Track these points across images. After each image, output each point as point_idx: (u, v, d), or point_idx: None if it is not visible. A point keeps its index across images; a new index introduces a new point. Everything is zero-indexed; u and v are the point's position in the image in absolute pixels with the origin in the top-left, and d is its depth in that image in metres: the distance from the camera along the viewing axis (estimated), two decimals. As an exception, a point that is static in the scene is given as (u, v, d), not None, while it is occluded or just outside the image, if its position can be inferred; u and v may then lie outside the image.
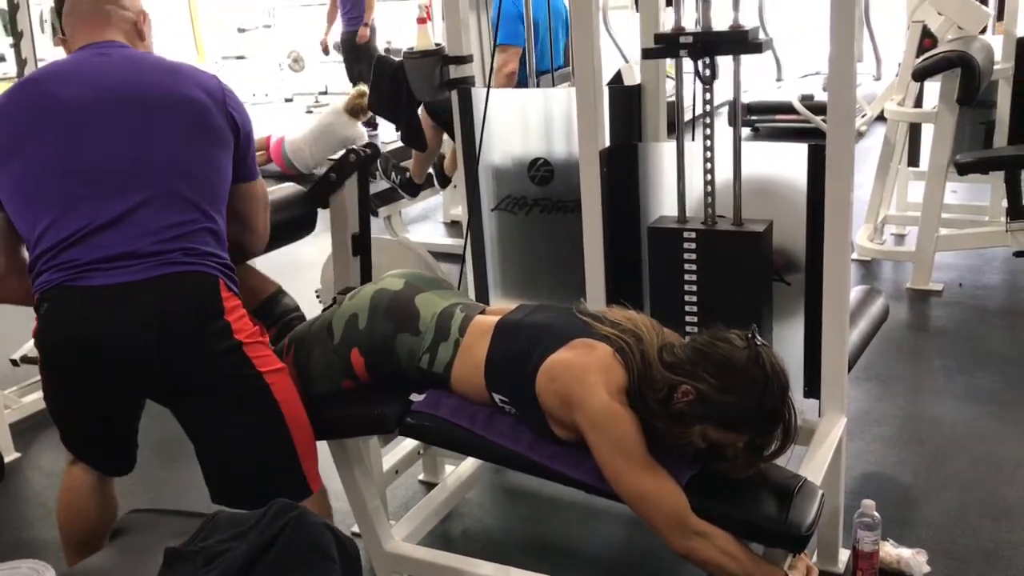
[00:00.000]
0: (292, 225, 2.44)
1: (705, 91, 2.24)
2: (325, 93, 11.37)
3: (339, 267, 2.49)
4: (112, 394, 1.89)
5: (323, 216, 2.49)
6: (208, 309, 1.83)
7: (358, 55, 8.50)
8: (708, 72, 2.22)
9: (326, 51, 9.37)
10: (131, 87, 1.89)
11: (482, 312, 2.08)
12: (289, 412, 1.91)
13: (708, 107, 2.26)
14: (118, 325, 1.77)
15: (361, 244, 2.48)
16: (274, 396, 1.88)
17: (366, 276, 2.54)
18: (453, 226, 5.65)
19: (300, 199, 2.46)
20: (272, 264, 3.21)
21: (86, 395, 1.88)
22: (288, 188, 2.52)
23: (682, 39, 2.19)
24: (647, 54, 2.35)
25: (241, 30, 12.68)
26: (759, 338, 1.76)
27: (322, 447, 2.18)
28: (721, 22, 2.21)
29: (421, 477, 2.90)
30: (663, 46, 2.24)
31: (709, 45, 2.18)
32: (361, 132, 6.74)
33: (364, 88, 6.74)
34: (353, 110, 6.76)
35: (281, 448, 1.91)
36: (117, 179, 1.82)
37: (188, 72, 1.97)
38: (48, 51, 7.04)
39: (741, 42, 2.15)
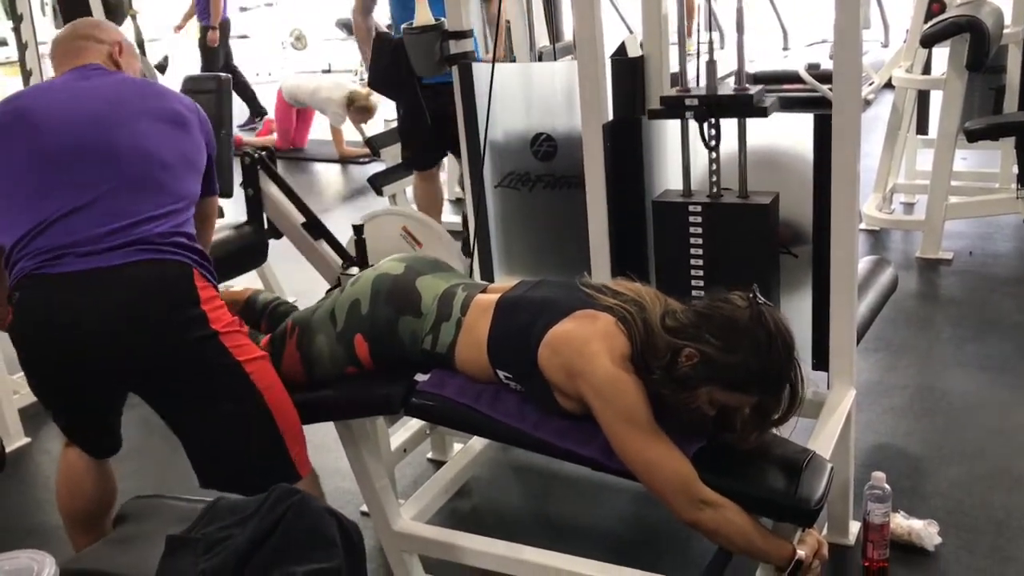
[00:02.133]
0: (242, 256, 2.52)
1: (710, 152, 2.25)
2: (328, 71, 11.31)
3: (311, 257, 2.53)
4: (88, 382, 1.88)
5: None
6: (182, 298, 1.82)
7: (208, 54, 8.18)
8: (713, 132, 2.23)
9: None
10: (108, 93, 1.97)
11: (483, 291, 2.07)
12: (272, 399, 1.90)
13: (714, 167, 2.25)
14: (90, 312, 1.76)
15: (315, 227, 2.53)
16: (255, 384, 1.87)
17: (361, 254, 2.54)
18: (458, 203, 5.62)
19: (240, 231, 2.54)
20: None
21: (63, 383, 1.87)
22: (227, 229, 2.60)
23: (687, 102, 2.22)
24: (653, 115, 2.36)
25: (243, 9, 12.58)
26: (760, 297, 1.74)
27: (328, 427, 2.18)
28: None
29: (430, 455, 2.90)
30: (668, 108, 2.27)
31: (714, 108, 2.20)
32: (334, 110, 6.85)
33: (364, 98, 6.96)
34: (350, 101, 6.91)
35: (266, 435, 1.90)
36: (90, 163, 1.83)
37: (166, 90, 2.12)
38: (50, 34, 7.02)
39: (746, 106, 2.18)
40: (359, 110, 6.90)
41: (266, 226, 2.81)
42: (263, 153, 2.55)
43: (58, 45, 2.14)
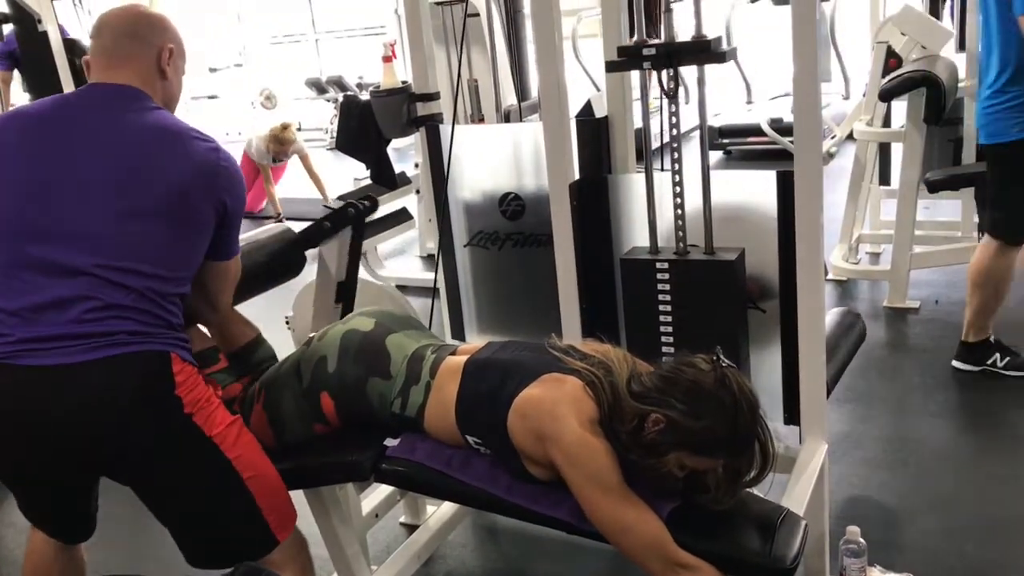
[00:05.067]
0: (279, 269, 2.41)
1: (670, 104, 2.22)
2: (300, 129, 11.37)
3: (320, 310, 2.48)
4: (60, 476, 1.81)
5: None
6: (157, 388, 1.73)
7: None
8: (672, 84, 2.20)
9: None
10: (110, 155, 1.75)
11: (453, 352, 2.06)
12: (243, 466, 1.82)
13: (673, 120, 2.22)
14: (56, 409, 1.67)
15: (344, 292, 2.47)
16: (225, 456, 1.79)
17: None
18: (429, 260, 5.63)
19: (289, 243, 2.42)
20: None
21: (32, 476, 1.80)
22: (276, 229, 2.48)
23: (645, 51, 2.18)
24: (611, 67, 2.32)
25: (212, 69, 12.68)
26: (724, 360, 1.74)
27: (297, 493, 2.14)
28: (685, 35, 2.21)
29: (402, 520, 2.85)
30: (626, 59, 2.22)
31: (673, 55, 2.16)
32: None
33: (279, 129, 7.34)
34: (269, 133, 7.40)
35: (240, 506, 1.84)
36: (69, 250, 1.69)
37: (182, 144, 1.79)
38: (19, 99, 6.96)
39: (705, 51, 2.12)
40: (274, 139, 7.35)
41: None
42: (367, 204, 2.43)
43: (103, 33, 1.86)
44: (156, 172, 1.75)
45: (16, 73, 6.20)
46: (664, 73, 2.18)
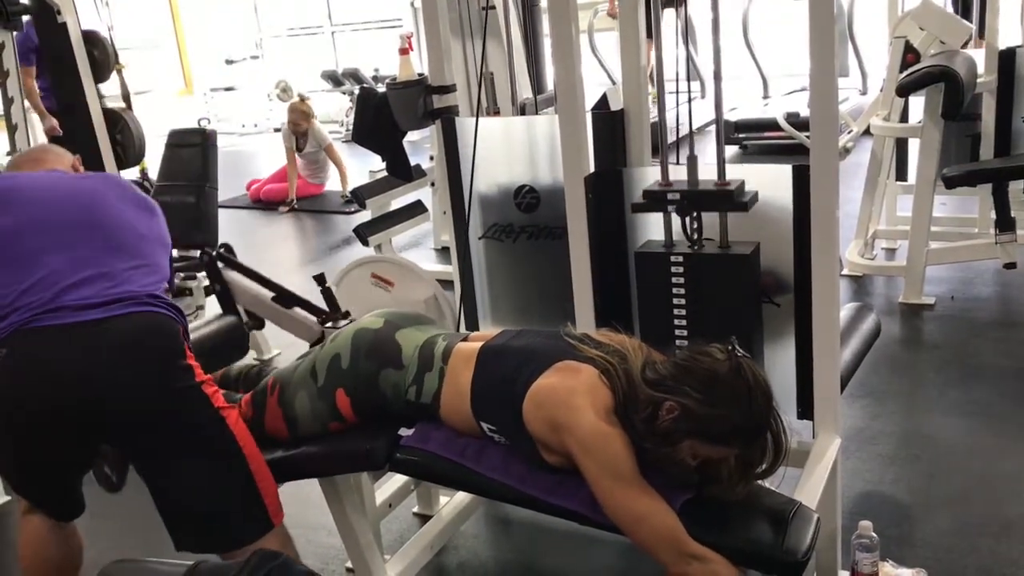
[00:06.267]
0: (225, 350, 2.77)
1: (692, 245, 2.27)
2: (315, 122, 11.38)
3: (292, 328, 2.63)
4: (75, 434, 1.87)
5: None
6: (173, 349, 1.89)
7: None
8: (695, 225, 2.26)
9: None
10: (84, 180, 2.17)
11: (465, 339, 2.08)
12: (246, 446, 1.95)
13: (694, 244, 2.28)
14: (88, 360, 1.80)
15: (286, 299, 2.64)
16: (231, 431, 1.92)
17: (332, 303, 2.65)
18: (444, 252, 5.64)
19: (220, 326, 2.74)
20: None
21: (46, 437, 1.86)
22: (205, 325, 2.83)
23: (669, 196, 2.25)
24: (635, 208, 2.37)
25: (229, 61, 12.70)
26: (739, 349, 1.75)
27: (312, 482, 2.16)
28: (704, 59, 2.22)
29: (416, 510, 2.87)
30: (650, 202, 2.29)
31: (695, 202, 2.24)
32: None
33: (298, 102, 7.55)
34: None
35: (242, 482, 1.94)
36: (76, 231, 1.95)
37: (132, 183, 2.26)
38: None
39: (727, 200, 2.21)
40: (291, 110, 7.53)
41: (243, 316, 3.02)
42: (221, 250, 2.72)
43: (21, 156, 2.38)
44: (125, 191, 2.16)
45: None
46: (687, 218, 2.25)
